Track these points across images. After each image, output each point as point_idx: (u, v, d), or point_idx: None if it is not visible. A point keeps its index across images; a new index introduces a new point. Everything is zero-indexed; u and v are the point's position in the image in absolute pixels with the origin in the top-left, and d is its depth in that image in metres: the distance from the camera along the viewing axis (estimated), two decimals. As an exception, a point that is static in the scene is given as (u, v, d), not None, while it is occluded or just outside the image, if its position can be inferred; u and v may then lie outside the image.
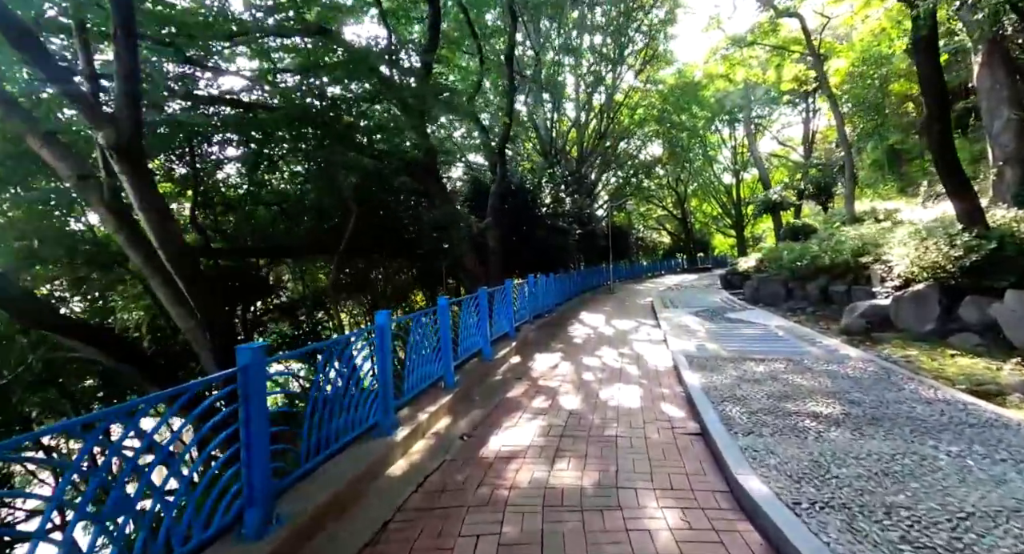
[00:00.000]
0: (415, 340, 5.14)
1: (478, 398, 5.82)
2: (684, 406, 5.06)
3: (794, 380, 5.41)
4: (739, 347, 7.36)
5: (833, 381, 5.28)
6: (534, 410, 5.19)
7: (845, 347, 6.95)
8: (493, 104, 16.40)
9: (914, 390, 4.81)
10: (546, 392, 5.90)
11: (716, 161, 41.80)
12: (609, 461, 3.76)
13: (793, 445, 3.57)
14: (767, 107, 37.66)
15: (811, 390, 4.98)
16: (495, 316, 8.16)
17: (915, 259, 7.19)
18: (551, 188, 15.61)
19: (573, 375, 6.75)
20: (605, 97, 22.19)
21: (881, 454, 3.35)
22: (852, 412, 4.24)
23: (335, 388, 3.65)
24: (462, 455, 4.08)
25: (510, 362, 7.73)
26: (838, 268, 10.93)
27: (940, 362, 5.83)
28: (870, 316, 7.68)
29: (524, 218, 13.67)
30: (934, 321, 6.77)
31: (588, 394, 5.72)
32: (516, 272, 16.17)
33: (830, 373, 5.63)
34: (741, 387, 5.24)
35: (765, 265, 15.03)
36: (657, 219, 46.69)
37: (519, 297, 9.91)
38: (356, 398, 3.87)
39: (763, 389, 5.11)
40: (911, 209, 13.37)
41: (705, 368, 6.22)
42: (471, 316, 6.89)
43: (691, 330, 9.24)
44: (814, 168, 31.99)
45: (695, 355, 6.99)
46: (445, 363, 5.74)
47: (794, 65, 20.17)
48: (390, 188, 9.31)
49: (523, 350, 8.51)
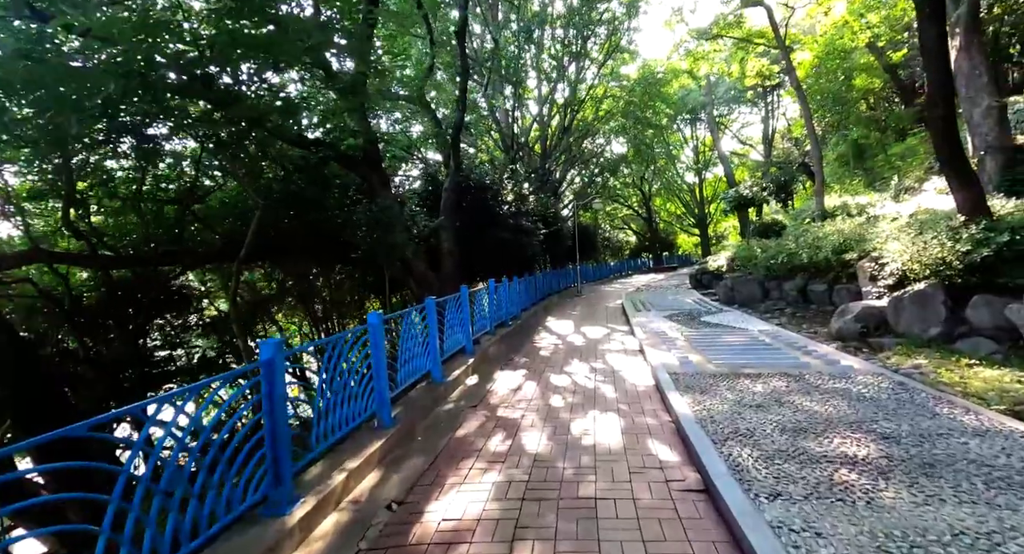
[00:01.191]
0: (334, 373, 3.94)
1: (420, 438, 4.65)
2: (677, 444, 4.04)
3: (803, 404, 4.49)
4: (727, 359, 6.45)
5: (850, 404, 4.39)
6: (490, 456, 4.07)
7: (844, 356, 6.15)
8: (448, 92, 15.20)
9: (951, 416, 3.95)
10: (506, 426, 4.79)
11: (679, 160, 41.93)
12: (588, 544, 2.68)
13: (842, 518, 2.58)
14: (728, 106, 37.97)
15: (828, 419, 4.05)
16: (448, 330, 7.01)
17: (915, 255, 6.47)
18: (513, 185, 14.52)
19: (539, 399, 5.67)
20: (568, 90, 21.33)
21: (969, 531, 2.40)
22: (894, 453, 3.31)
23: (170, 467, 2.42)
24: (385, 542, 2.92)
25: (465, 384, 6.59)
26: (817, 266, 10.30)
27: (959, 374, 5.05)
28: (864, 319, 6.93)
29: (484, 217, 12.53)
30: (939, 324, 6.04)
31: (557, 428, 4.64)
32: (479, 277, 15.03)
33: (842, 393, 4.74)
34: (743, 416, 4.27)
35: (737, 264, 14.42)
36: (623, 218, 46.48)
37: (477, 305, 8.77)
38: (222, 473, 2.65)
39: (770, 419, 4.15)
40: (882, 204, 12.99)
41: (694, 388, 5.25)
42: (415, 333, 5.70)
43: (668, 337, 8.33)
44: (775, 166, 32.31)
45: (679, 371, 6.03)
46: (379, 396, 4.56)
47: (757, 60, 19.88)
48: (323, 182, 7.97)
49: (482, 368, 7.38)
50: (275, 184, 7.59)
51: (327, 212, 7.54)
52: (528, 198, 15.85)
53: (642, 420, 4.72)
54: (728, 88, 32.80)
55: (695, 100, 32.85)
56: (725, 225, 51.24)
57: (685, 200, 44.65)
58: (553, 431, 4.58)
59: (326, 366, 3.86)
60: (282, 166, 7.63)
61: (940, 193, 11.13)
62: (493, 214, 12.93)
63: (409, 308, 5.58)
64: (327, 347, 3.96)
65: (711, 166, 43.69)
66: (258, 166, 7.28)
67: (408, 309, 5.50)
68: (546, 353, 8.45)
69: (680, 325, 9.76)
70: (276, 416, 3.05)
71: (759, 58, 20.04)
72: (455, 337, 7.27)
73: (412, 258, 8.86)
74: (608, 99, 23.00)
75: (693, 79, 26.94)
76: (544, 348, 8.94)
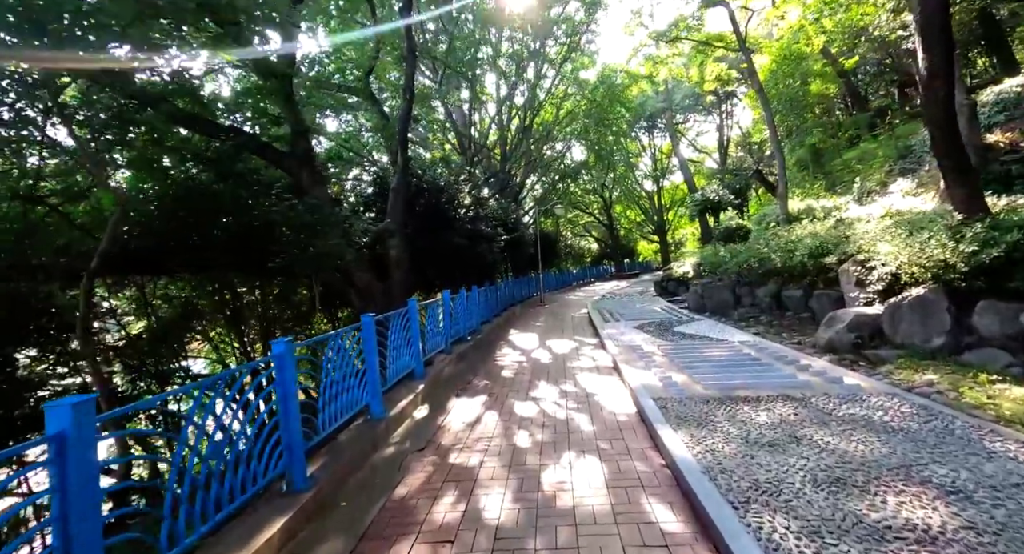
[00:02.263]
0: (214, 429, 2.81)
1: (345, 504, 3.53)
2: (680, 504, 3.11)
3: (824, 440, 3.67)
4: (715, 379, 5.63)
5: (880, 439, 3.59)
6: (435, 531, 3.02)
7: (843, 372, 5.45)
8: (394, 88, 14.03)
9: (1010, 453, 3.21)
10: (460, 478, 3.74)
11: (637, 168, 42.20)
12: None
13: None
14: (684, 114, 38.49)
15: (865, 462, 3.23)
16: (393, 352, 5.89)
17: (912, 257, 5.89)
18: (471, 188, 13.49)
19: (501, 437, 4.65)
20: (527, 91, 20.62)
21: None
22: (976, 521, 2.48)
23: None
24: None
25: (413, 418, 5.48)
26: (791, 271, 9.79)
27: (983, 393, 4.39)
28: (858, 328, 6.30)
29: (439, 222, 11.43)
30: (943, 334, 5.45)
31: (525, 480, 3.64)
32: (436, 287, 13.86)
33: (863, 423, 3.96)
34: (758, 460, 3.40)
35: (705, 270, 13.92)
36: (584, 225, 46.29)
37: (430, 320, 7.69)
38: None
39: (793, 464, 3.29)
40: (846, 207, 12.80)
41: (686, 419, 4.36)
42: (348, 360, 4.58)
43: (644, 352, 7.50)
44: (730, 173, 32.80)
45: (664, 395, 5.15)
46: (289, 451, 3.44)
47: (717, 64, 19.79)
48: (238, 178, 6.62)
49: (434, 395, 6.29)
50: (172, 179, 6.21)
51: (245, 214, 6.22)
52: (487, 202, 14.86)
53: (629, 465, 3.78)
54: (685, 95, 33.12)
55: (653, 107, 32.98)
56: (683, 232, 52.09)
57: (644, 207, 45.00)
58: (519, 486, 3.57)
59: (194, 422, 2.72)
60: (180, 156, 6.28)
61: (907, 195, 10.94)
62: (449, 218, 11.85)
63: (336, 331, 4.45)
64: (201, 397, 2.81)
65: (668, 174, 44.28)
66: (154, 155, 5.92)
67: (334, 333, 4.37)
68: (509, 373, 7.45)
69: (653, 337, 8.98)
70: (69, 503, 1.89)
71: (718, 63, 19.98)
72: (401, 361, 6.16)
73: (353, 267, 7.65)
74: (569, 100, 22.44)
75: (652, 84, 26.86)
76: (507, 367, 7.93)
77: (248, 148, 6.66)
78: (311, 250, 6.18)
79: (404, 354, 6.24)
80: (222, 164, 6.40)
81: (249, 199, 6.42)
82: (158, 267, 8.02)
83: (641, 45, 20.57)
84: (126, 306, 10.29)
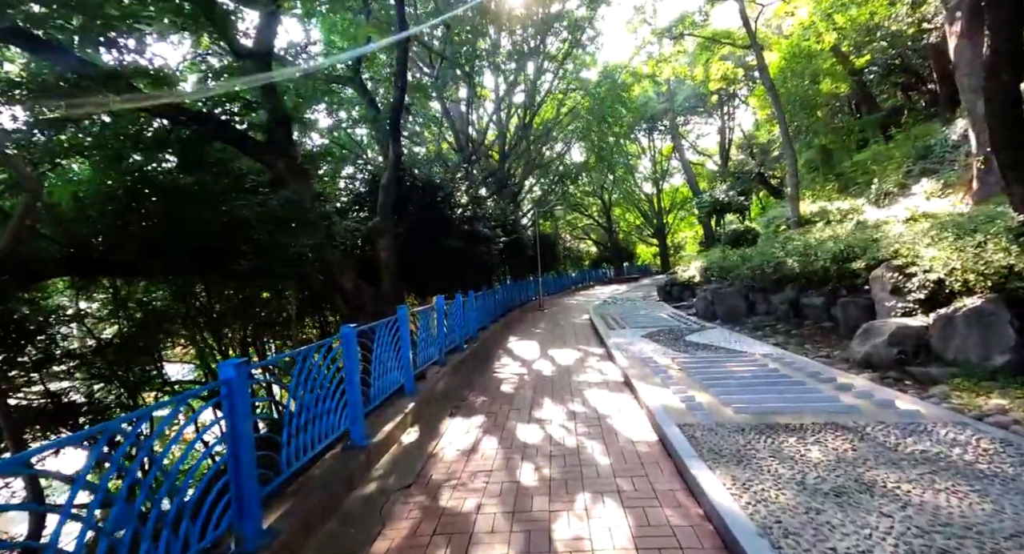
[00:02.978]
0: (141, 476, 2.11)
1: (310, 569, 2.83)
2: (735, 580, 2.42)
3: (902, 488, 2.99)
4: (745, 400, 4.95)
5: (972, 488, 2.92)
6: (419, 620, 2.31)
7: (893, 394, 4.78)
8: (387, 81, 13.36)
9: None
10: (453, 531, 3.05)
11: (637, 171, 41.69)
12: None
13: None
14: (685, 116, 37.99)
15: (969, 526, 2.55)
16: (378, 367, 5.18)
17: (966, 263, 5.24)
18: (469, 186, 12.81)
19: (502, 471, 3.96)
20: (528, 87, 19.98)
21: None
22: None
23: None
24: None
25: (400, 444, 4.78)
26: (811, 277, 9.14)
27: (1071, 424, 3.72)
28: (901, 342, 5.64)
29: (433, 222, 10.73)
30: (1007, 351, 4.79)
31: (532, 536, 2.94)
32: (430, 291, 13.15)
33: (943, 463, 3.29)
34: (826, 517, 2.71)
35: (714, 274, 13.27)
36: (583, 228, 45.68)
37: (423, 329, 6.98)
38: None
39: (875, 525, 2.61)
40: (863, 209, 12.18)
41: (722, 455, 3.68)
42: (322, 380, 3.87)
43: (658, 365, 6.81)
44: (732, 176, 32.23)
45: (690, 421, 4.46)
46: (239, 501, 2.74)
47: (722, 62, 19.21)
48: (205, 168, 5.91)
49: (424, 416, 5.59)
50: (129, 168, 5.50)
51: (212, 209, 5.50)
52: (485, 202, 14.17)
53: (659, 515, 3.09)
54: (687, 97, 32.61)
55: (654, 108, 32.45)
56: (682, 235, 51.56)
57: (644, 210, 44.48)
58: (525, 542, 2.88)
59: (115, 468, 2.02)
60: (136, 144, 5.53)
61: (932, 196, 10.32)
62: (445, 218, 11.16)
63: (307, 346, 3.75)
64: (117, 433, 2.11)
65: (668, 176, 43.80)
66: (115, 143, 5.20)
67: (305, 348, 3.66)
68: (509, 388, 6.75)
69: (665, 347, 8.30)
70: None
71: (724, 61, 19.39)
72: (389, 376, 5.45)
73: (338, 270, 6.95)
74: (570, 98, 21.81)
75: (655, 84, 26.31)
76: (506, 380, 7.24)
77: (221, 137, 5.92)
78: (290, 249, 5.48)
79: (392, 368, 5.52)
80: (190, 153, 5.67)
81: (220, 193, 5.71)
82: (130, 269, 7.31)
83: (645, 42, 20.00)
84: (98, 310, 9.55)
